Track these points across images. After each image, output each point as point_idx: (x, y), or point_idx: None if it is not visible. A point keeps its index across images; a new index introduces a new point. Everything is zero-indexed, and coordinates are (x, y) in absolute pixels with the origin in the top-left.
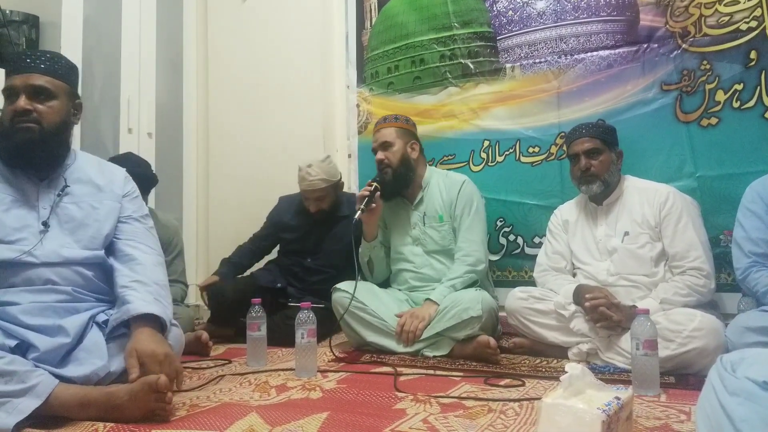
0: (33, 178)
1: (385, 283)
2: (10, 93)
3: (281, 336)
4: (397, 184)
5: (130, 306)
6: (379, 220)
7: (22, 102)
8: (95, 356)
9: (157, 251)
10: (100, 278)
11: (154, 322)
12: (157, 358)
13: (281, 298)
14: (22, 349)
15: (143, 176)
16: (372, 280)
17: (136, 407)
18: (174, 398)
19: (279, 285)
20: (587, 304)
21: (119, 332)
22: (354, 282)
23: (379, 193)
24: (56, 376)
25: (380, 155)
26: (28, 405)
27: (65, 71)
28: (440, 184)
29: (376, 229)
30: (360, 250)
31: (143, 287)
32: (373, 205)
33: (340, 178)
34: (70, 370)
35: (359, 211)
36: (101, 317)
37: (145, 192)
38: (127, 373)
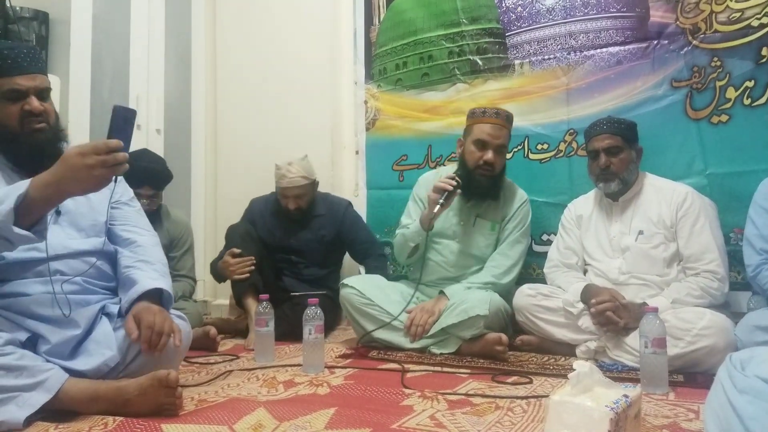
0: (31, 174)
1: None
2: (17, 95)
3: (291, 323)
4: (490, 190)
5: (137, 286)
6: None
7: (36, 103)
8: (104, 347)
9: (151, 232)
10: (107, 267)
11: (158, 299)
12: (151, 310)
13: (279, 293)
14: (33, 341)
15: (160, 172)
16: (403, 262)
17: (145, 402)
18: (183, 393)
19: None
20: (593, 309)
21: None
22: (359, 275)
23: (459, 190)
24: (66, 369)
25: (491, 156)
26: (38, 399)
27: (45, 65)
28: (502, 191)
29: (436, 221)
30: (407, 232)
31: (148, 266)
32: (450, 201)
33: (316, 179)
34: (81, 363)
35: (438, 205)
36: (110, 308)
37: (160, 188)
38: (137, 364)
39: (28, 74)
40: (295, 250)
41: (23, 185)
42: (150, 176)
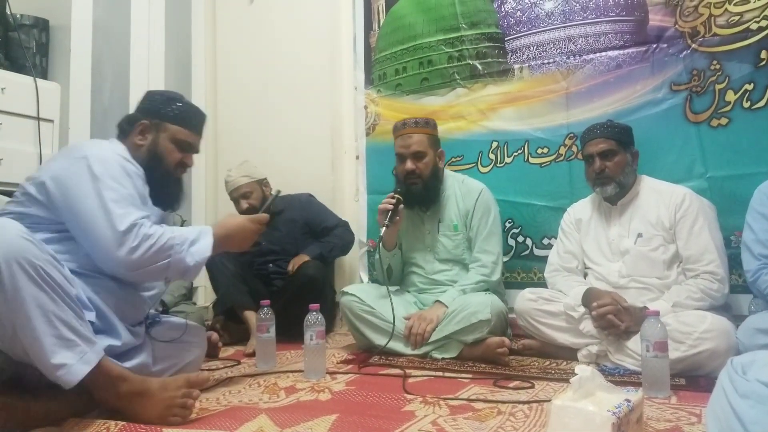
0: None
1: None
2: (186, 147)
3: (294, 294)
4: (426, 196)
5: None
6: (400, 227)
7: (192, 162)
8: (144, 351)
9: None
10: None
11: None
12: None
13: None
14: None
15: None
16: (389, 284)
17: (161, 398)
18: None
19: (261, 243)
20: (594, 312)
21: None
22: (359, 283)
23: (402, 205)
24: None
25: (410, 165)
26: (91, 357)
27: None
28: (456, 191)
29: (396, 239)
30: (377, 256)
31: None
32: (397, 218)
33: (265, 178)
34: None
35: (383, 227)
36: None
37: None
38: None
39: (199, 137)
40: (272, 252)
41: (208, 232)
42: None
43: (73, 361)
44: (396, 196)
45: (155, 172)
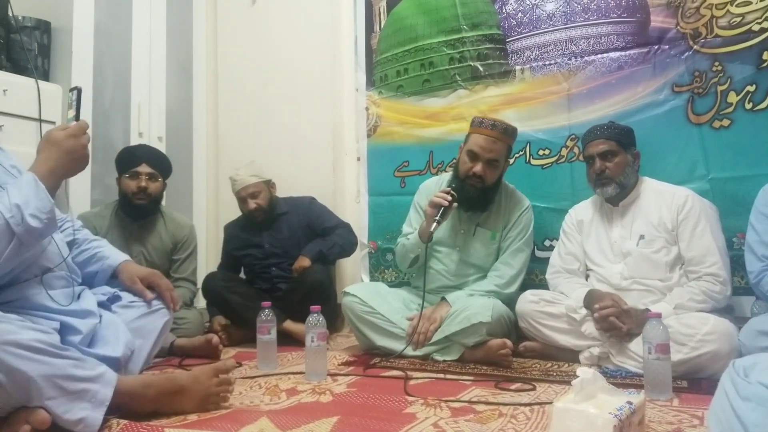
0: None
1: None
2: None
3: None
4: (479, 201)
5: (108, 261)
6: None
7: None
8: (119, 331)
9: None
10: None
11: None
12: (157, 275)
13: (278, 302)
14: (61, 336)
15: (158, 154)
16: (405, 270)
17: (197, 390)
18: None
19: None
20: (596, 314)
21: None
22: (360, 283)
23: (456, 204)
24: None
25: (480, 169)
26: (105, 393)
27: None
28: (503, 200)
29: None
30: (407, 242)
31: (98, 243)
32: (448, 214)
33: (271, 179)
34: (110, 349)
35: (434, 222)
36: (98, 297)
37: (159, 169)
38: (140, 295)
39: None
40: (275, 255)
41: (33, 180)
42: (147, 154)
43: (87, 411)
44: (452, 192)
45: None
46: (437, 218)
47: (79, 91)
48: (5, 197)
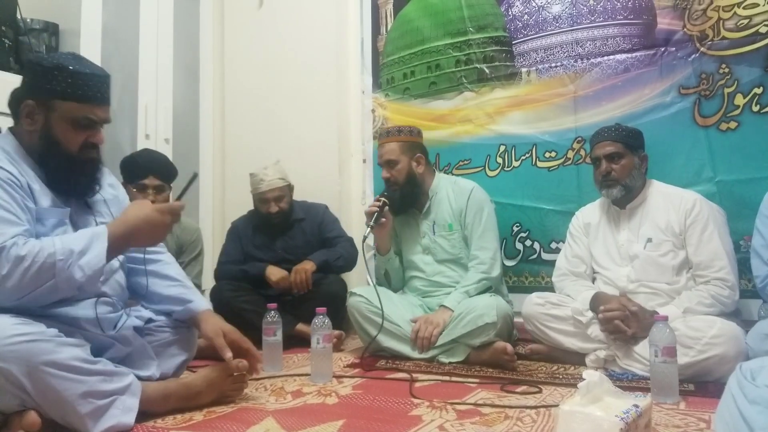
0: (60, 191)
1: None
2: (88, 124)
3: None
4: (404, 201)
5: (191, 305)
6: (390, 231)
7: (102, 137)
8: (147, 357)
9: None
10: (125, 283)
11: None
12: (243, 337)
13: (287, 306)
14: (95, 354)
15: (164, 162)
16: (391, 289)
17: (212, 391)
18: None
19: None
20: (600, 316)
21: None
22: (369, 285)
23: (387, 207)
24: None
25: (385, 173)
26: (132, 402)
27: None
28: (449, 192)
29: (389, 242)
30: (375, 263)
31: (187, 285)
32: (383, 219)
33: (291, 183)
34: (139, 370)
35: (368, 227)
36: (134, 321)
37: (166, 179)
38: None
39: (104, 106)
40: (287, 261)
41: (102, 236)
42: (154, 165)
43: (115, 419)
44: (382, 199)
45: (54, 161)
46: (371, 224)
47: (196, 176)
48: (70, 238)
